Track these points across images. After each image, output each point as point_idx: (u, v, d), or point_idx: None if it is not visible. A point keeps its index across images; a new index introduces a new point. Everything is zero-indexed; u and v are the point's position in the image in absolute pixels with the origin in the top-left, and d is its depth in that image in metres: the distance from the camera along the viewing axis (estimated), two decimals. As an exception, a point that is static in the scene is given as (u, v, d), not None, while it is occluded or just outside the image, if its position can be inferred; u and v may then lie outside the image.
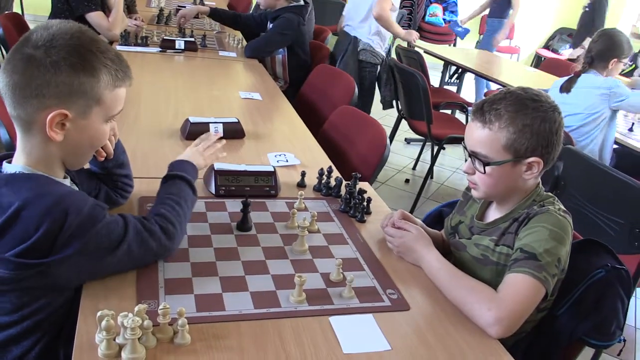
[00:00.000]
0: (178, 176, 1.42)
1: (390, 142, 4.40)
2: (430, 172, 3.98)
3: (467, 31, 6.17)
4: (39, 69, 1.07)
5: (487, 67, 4.83)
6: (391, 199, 3.98)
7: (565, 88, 3.17)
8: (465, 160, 1.45)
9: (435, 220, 1.89)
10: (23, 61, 1.08)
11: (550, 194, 1.47)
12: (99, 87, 1.13)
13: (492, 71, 4.64)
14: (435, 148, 3.86)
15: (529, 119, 1.34)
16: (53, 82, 1.08)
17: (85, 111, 1.14)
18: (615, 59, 3.08)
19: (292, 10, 3.41)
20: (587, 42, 5.71)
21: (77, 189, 1.29)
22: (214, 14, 3.83)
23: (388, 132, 4.53)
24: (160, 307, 1.07)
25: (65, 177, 1.24)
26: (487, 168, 1.38)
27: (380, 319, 1.23)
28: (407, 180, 4.33)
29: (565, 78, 3.23)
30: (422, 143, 4.64)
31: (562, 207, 1.43)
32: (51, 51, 1.08)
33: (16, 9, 7.01)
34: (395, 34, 3.88)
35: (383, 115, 5.74)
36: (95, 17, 3.32)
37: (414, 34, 4.14)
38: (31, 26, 3.57)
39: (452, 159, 4.87)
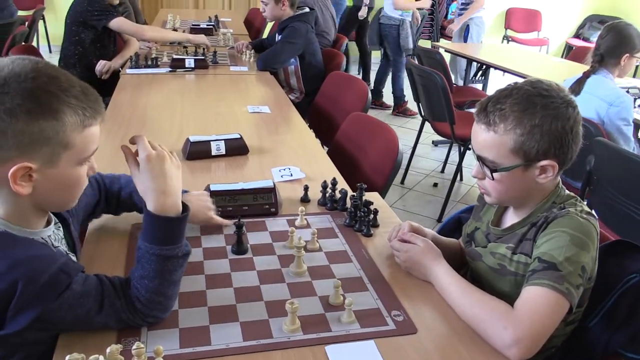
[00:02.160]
0: (166, 257, 1.09)
1: (415, 145, 4.33)
2: (458, 174, 3.82)
3: None
4: None
5: (511, 61, 4.65)
6: (419, 204, 3.84)
7: (574, 90, 2.84)
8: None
9: (454, 227, 1.76)
10: None
11: (571, 194, 1.33)
12: (64, 130, 1.00)
13: (515, 65, 4.45)
14: (462, 149, 3.71)
15: (538, 118, 1.19)
16: (10, 132, 0.96)
17: (52, 159, 1.01)
18: (627, 55, 2.78)
19: (299, 18, 3.35)
20: None
21: (61, 232, 1.21)
22: (254, 47, 3.86)
23: (414, 135, 4.44)
24: (134, 347, 0.98)
25: (48, 223, 1.15)
26: (495, 174, 1.25)
27: (383, 345, 1.11)
28: (435, 184, 4.17)
29: (576, 78, 2.95)
30: (449, 145, 4.48)
31: (586, 208, 1.28)
32: (4, 98, 0.96)
33: (42, 41, 7.18)
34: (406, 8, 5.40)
35: (407, 121, 5.61)
36: (118, 22, 3.32)
37: None
38: (46, 58, 3.60)
39: (482, 159, 4.68)
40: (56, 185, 1.05)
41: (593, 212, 1.29)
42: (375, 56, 6.54)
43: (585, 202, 1.33)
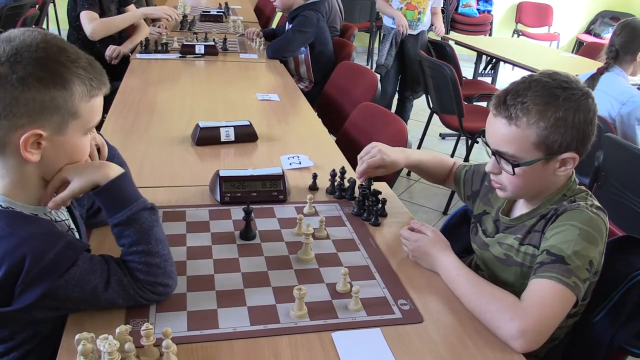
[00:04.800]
0: (134, 214, 1.12)
1: (423, 137, 4.32)
2: (464, 167, 3.81)
3: None
4: (5, 87, 0.99)
5: (521, 55, 4.62)
6: (426, 197, 3.84)
7: (588, 86, 2.81)
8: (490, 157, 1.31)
9: (460, 220, 1.77)
10: None
11: (583, 187, 1.32)
12: (73, 99, 1.04)
13: (526, 59, 4.43)
14: (470, 142, 3.71)
15: (562, 111, 1.18)
16: (22, 100, 0.99)
17: (61, 127, 1.05)
18: None
19: (310, 7, 3.33)
20: None
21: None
22: (266, 36, 3.86)
23: (421, 128, 4.43)
24: (143, 327, 0.99)
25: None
26: (517, 169, 1.24)
27: (389, 333, 1.12)
28: (441, 177, 4.16)
29: (589, 74, 2.94)
30: (456, 138, 4.47)
31: (596, 202, 1.28)
32: (16, 67, 0.99)
33: (52, 24, 7.17)
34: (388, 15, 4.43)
35: (417, 112, 5.59)
36: (83, 15, 3.21)
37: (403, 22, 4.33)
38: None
39: (489, 153, 4.67)
40: (63, 153, 1.09)
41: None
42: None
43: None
